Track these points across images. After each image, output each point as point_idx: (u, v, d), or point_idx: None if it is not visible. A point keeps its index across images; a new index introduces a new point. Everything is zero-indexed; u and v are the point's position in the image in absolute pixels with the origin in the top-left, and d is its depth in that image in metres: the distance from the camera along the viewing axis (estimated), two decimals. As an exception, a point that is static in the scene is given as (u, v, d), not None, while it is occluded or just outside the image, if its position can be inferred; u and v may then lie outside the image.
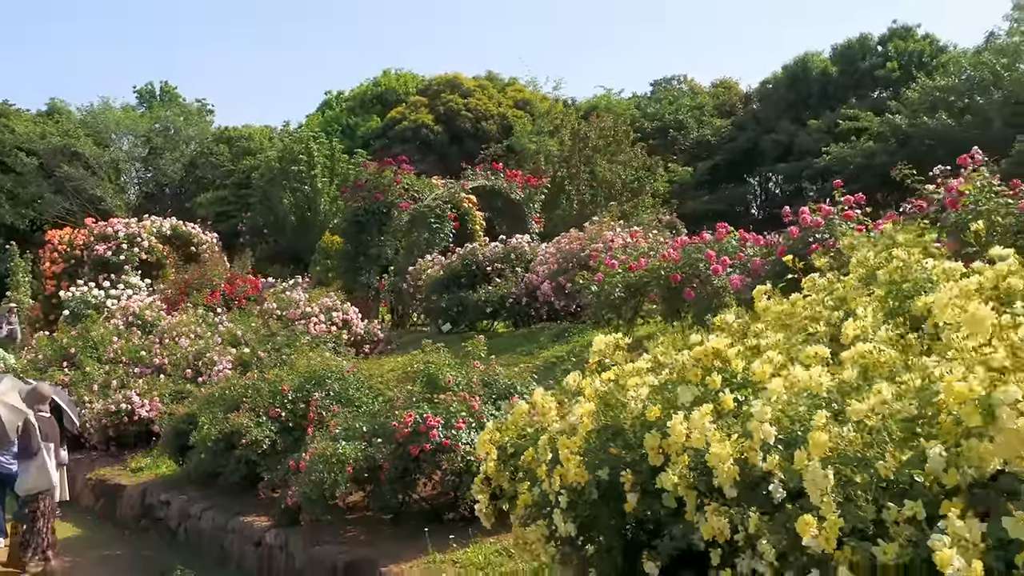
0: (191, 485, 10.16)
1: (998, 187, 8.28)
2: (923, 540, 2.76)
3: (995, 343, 3.27)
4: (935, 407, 3.23)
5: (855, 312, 5.05)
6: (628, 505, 4.27)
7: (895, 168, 12.23)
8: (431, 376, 7.69)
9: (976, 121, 28.14)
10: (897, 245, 5.46)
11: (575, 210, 30.19)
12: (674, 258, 9.73)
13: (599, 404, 4.68)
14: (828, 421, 3.31)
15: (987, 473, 2.94)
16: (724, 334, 4.92)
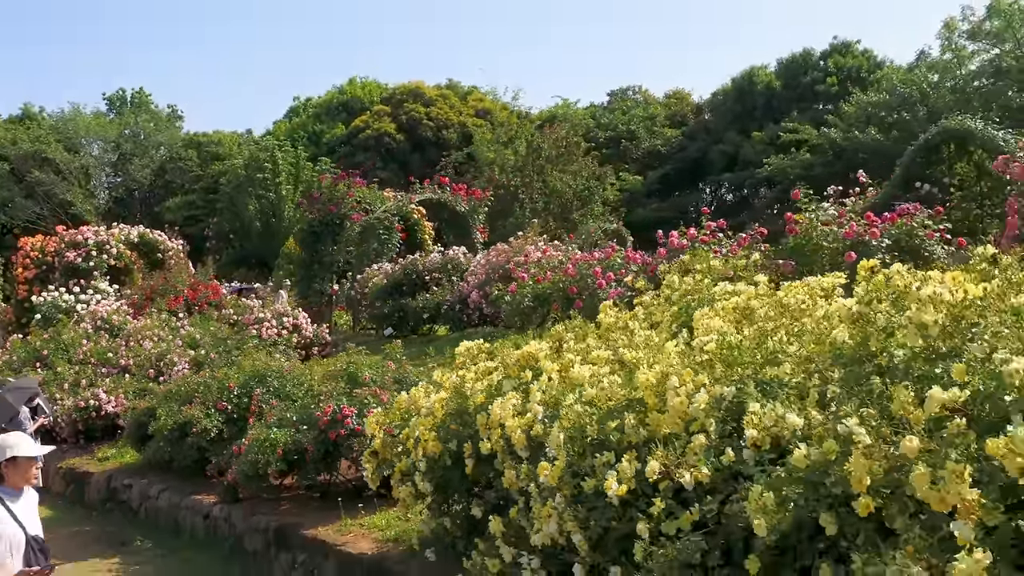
0: (150, 470, 11.60)
1: (829, 218, 9.84)
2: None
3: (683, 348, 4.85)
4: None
5: (658, 323, 6.66)
6: (468, 469, 5.79)
7: (797, 189, 13.96)
8: (351, 374, 9.18)
9: (902, 136, 29.86)
10: (692, 272, 7.04)
11: (528, 218, 31.70)
12: (571, 273, 11.26)
13: (452, 394, 6.21)
14: (575, 401, 4.85)
15: (660, 435, 4.45)
16: (548, 340, 6.47)
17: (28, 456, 5.03)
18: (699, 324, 5.21)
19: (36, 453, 5.19)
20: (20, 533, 4.84)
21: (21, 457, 4.97)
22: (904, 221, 9.43)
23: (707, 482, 3.95)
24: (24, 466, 4.99)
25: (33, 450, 5.16)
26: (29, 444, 5.19)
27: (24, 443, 5.13)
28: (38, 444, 10.00)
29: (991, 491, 2.85)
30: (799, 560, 3.57)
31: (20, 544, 4.82)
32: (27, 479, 5.05)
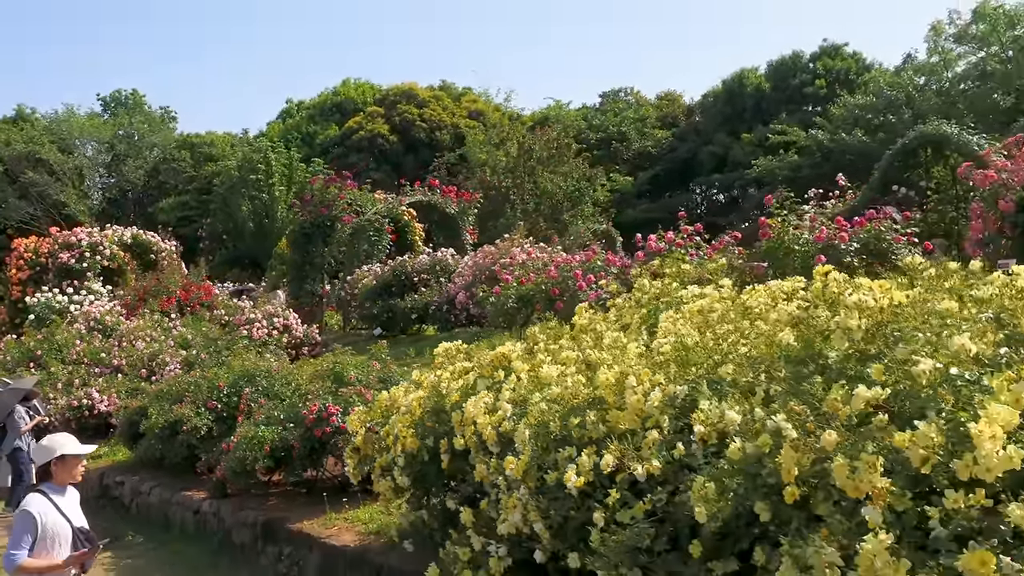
0: (142, 468, 11.86)
1: (800, 223, 10.14)
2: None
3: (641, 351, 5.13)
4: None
5: (627, 325, 6.95)
6: (444, 464, 6.07)
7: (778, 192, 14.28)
8: (337, 374, 9.46)
9: (887, 138, 30.21)
10: (661, 276, 7.33)
11: (519, 219, 31.99)
12: (553, 275, 11.55)
13: (430, 392, 6.49)
14: (541, 399, 5.13)
15: (619, 431, 4.73)
16: (523, 341, 6.76)
17: (76, 454, 5.39)
18: (661, 326, 5.50)
19: (83, 451, 5.51)
20: (67, 526, 5.19)
21: (69, 455, 5.33)
22: (873, 226, 9.73)
23: (659, 474, 4.24)
24: (71, 463, 5.36)
25: (80, 448, 5.49)
26: (76, 443, 5.51)
27: (71, 442, 5.47)
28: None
29: (900, 480, 3.15)
30: (738, 544, 3.86)
31: (67, 536, 5.17)
32: (73, 476, 5.40)
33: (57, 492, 5.32)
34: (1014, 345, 3.61)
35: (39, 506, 5.18)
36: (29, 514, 5.11)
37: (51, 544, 5.13)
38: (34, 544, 5.09)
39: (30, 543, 5.08)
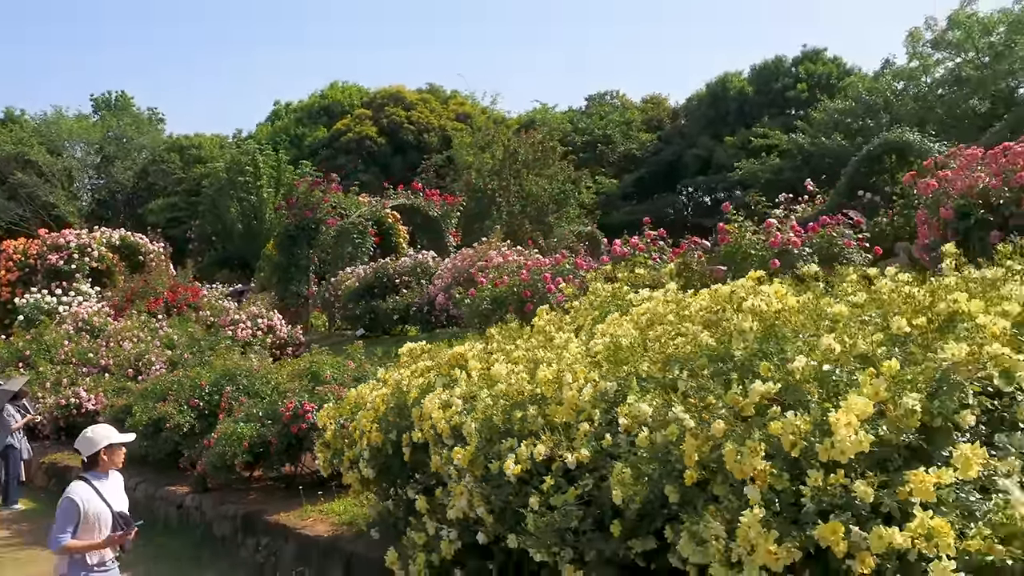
0: (128, 464, 12.20)
1: (757, 228, 10.61)
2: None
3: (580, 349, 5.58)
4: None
5: (581, 327, 7.39)
6: (406, 456, 6.51)
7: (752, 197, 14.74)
8: (314, 373, 9.91)
9: (866, 143, 30.67)
10: (616, 280, 7.78)
11: (504, 221, 32.40)
12: (525, 278, 12.00)
13: (393, 389, 6.94)
14: (488, 395, 5.58)
15: (557, 423, 5.17)
16: (482, 341, 7.21)
17: (119, 442, 5.97)
18: (598, 328, 5.95)
19: (125, 439, 6.07)
20: (107, 510, 5.71)
21: (115, 444, 5.91)
22: (826, 231, 10.20)
23: (588, 462, 4.70)
24: (115, 451, 5.93)
25: (122, 437, 6.05)
26: (116, 432, 6.07)
27: (115, 432, 6.04)
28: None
29: (779, 462, 3.60)
30: (653, 524, 4.31)
31: (107, 520, 5.69)
32: (115, 463, 5.95)
33: (100, 479, 5.83)
34: (896, 344, 4.07)
35: (82, 493, 5.67)
36: (73, 501, 5.61)
37: (93, 527, 5.62)
38: (77, 527, 5.58)
39: (74, 526, 5.58)
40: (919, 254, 9.90)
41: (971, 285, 4.50)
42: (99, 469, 5.87)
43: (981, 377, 3.69)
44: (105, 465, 5.88)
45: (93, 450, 5.88)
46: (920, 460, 3.48)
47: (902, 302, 4.30)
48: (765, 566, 3.34)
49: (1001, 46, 31.05)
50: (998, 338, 3.67)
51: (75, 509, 5.60)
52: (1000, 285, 4.34)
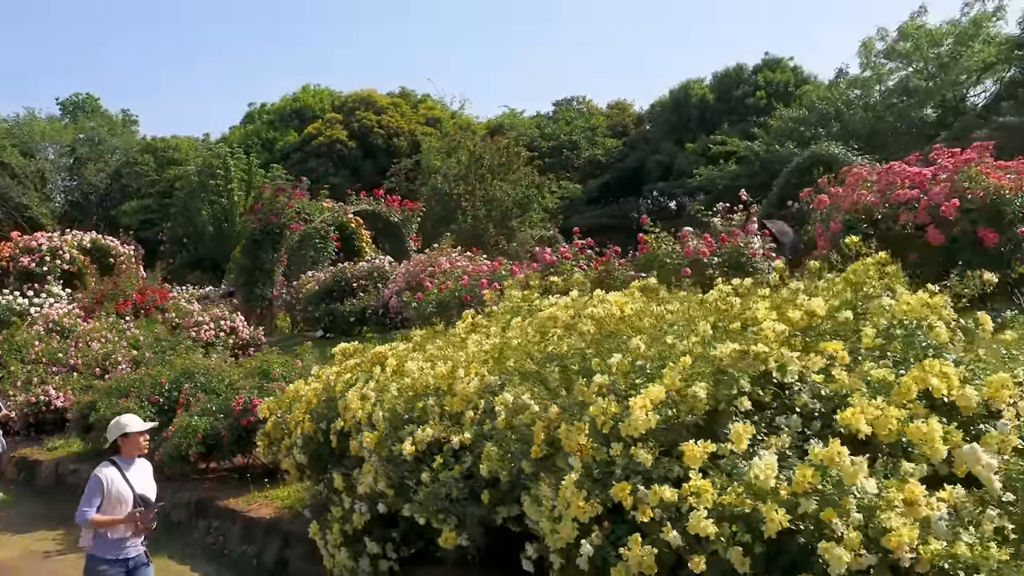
0: (94, 457, 13.03)
1: (670, 239, 11.55)
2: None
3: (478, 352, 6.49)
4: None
5: (490, 331, 8.27)
6: (334, 443, 7.38)
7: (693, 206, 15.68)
8: (264, 371, 10.76)
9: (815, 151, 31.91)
10: (527, 287, 8.67)
11: (469, 225, 33.25)
12: (465, 283, 12.88)
13: (324, 384, 7.82)
14: (395, 388, 6.46)
15: (452, 411, 6.06)
16: (405, 341, 8.10)
17: (136, 431, 6.52)
18: (491, 330, 6.85)
19: (143, 428, 6.61)
20: (129, 491, 6.27)
21: (132, 432, 6.47)
22: (733, 242, 11.16)
23: (471, 443, 5.61)
24: (133, 439, 6.47)
25: (140, 426, 6.61)
26: (138, 421, 6.67)
27: (134, 421, 6.63)
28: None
29: (598, 438, 4.52)
30: (515, 493, 5.22)
31: (128, 500, 6.25)
32: (139, 449, 6.51)
33: (126, 463, 6.43)
34: (705, 343, 4.99)
35: (108, 473, 6.31)
36: (98, 479, 6.26)
37: (116, 505, 6.22)
38: (102, 503, 6.21)
39: (98, 502, 6.20)
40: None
41: (784, 295, 5.45)
42: (123, 454, 6.45)
43: (765, 371, 4.63)
44: (126, 451, 6.45)
45: (112, 437, 6.51)
46: (709, 436, 4.41)
47: (717, 309, 5.24)
48: (576, 518, 4.25)
49: (947, 57, 32.28)
50: (774, 340, 4.60)
51: (99, 486, 6.21)
52: (802, 295, 5.28)
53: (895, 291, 5.63)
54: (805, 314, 5.03)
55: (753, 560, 4.01)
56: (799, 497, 3.93)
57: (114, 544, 6.27)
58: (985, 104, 34.45)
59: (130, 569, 6.33)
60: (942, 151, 10.26)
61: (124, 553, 6.28)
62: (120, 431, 6.49)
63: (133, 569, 6.34)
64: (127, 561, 6.30)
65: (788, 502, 3.94)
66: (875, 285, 5.53)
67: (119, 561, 6.26)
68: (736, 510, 3.99)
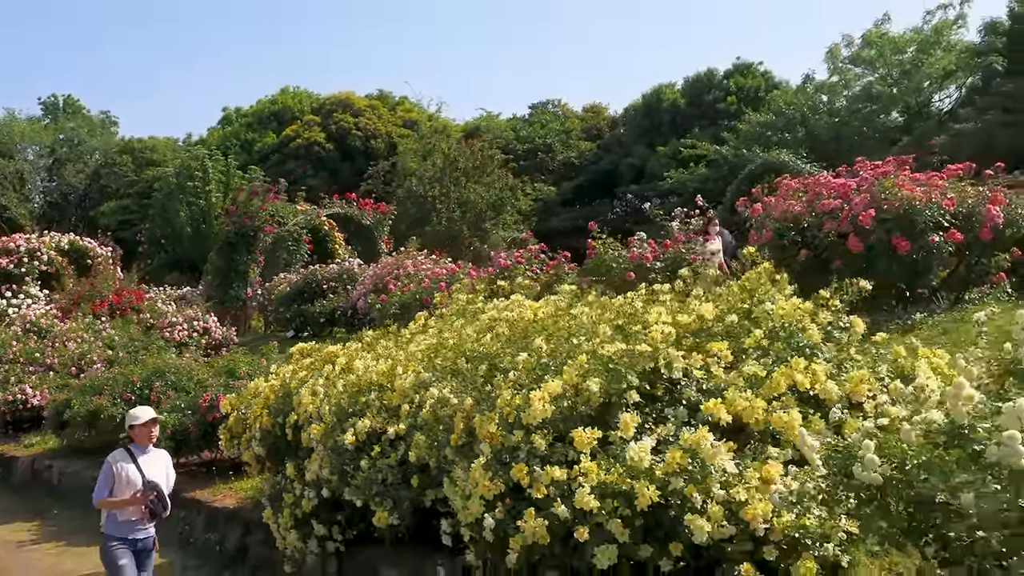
0: (69, 453, 13.60)
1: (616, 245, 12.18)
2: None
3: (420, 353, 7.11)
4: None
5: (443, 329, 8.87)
6: (289, 436, 7.98)
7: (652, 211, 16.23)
8: (230, 370, 11.34)
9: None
10: (474, 291, 9.30)
11: (444, 226, 33.82)
12: (426, 285, 13.49)
13: (281, 381, 8.41)
14: (342, 384, 7.07)
15: (394, 405, 6.66)
16: (356, 341, 8.70)
17: (141, 421, 6.99)
18: (429, 331, 7.48)
19: (147, 418, 7.03)
20: (138, 477, 6.76)
21: (138, 423, 6.96)
22: (676, 248, 11.83)
23: (405, 434, 6.22)
24: (139, 430, 6.97)
25: (146, 416, 7.07)
26: (147, 412, 7.12)
27: (143, 412, 7.11)
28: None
29: (504, 426, 5.14)
30: (440, 477, 5.84)
31: (137, 485, 6.72)
32: (148, 438, 6.99)
33: (139, 451, 6.95)
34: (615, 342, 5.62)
35: (117, 459, 6.85)
36: (108, 464, 6.83)
37: (126, 489, 6.74)
38: (114, 487, 6.76)
39: (110, 486, 6.77)
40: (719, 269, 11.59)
41: (673, 300, 6.12)
42: (137, 443, 6.98)
43: (655, 368, 5.27)
44: (138, 440, 6.97)
45: (127, 426, 7.08)
46: (602, 425, 5.05)
47: (623, 313, 5.89)
48: (483, 496, 4.88)
49: (909, 64, 33.15)
50: (661, 340, 5.24)
51: (110, 471, 6.77)
52: (695, 300, 5.93)
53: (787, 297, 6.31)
54: (697, 318, 5.69)
55: (633, 531, 4.66)
56: (670, 476, 4.58)
57: (123, 526, 6.78)
58: (948, 110, 35.40)
59: (137, 550, 6.82)
60: (864, 163, 10.95)
61: (132, 535, 6.79)
62: (131, 421, 7.05)
63: (140, 551, 6.84)
64: (135, 542, 6.80)
65: (661, 481, 4.59)
66: (769, 291, 6.21)
67: (127, 541, 6.77)
68: (616, 488, 4.64)
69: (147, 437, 7.00)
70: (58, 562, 9.74)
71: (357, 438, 6.36)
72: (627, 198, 43.87)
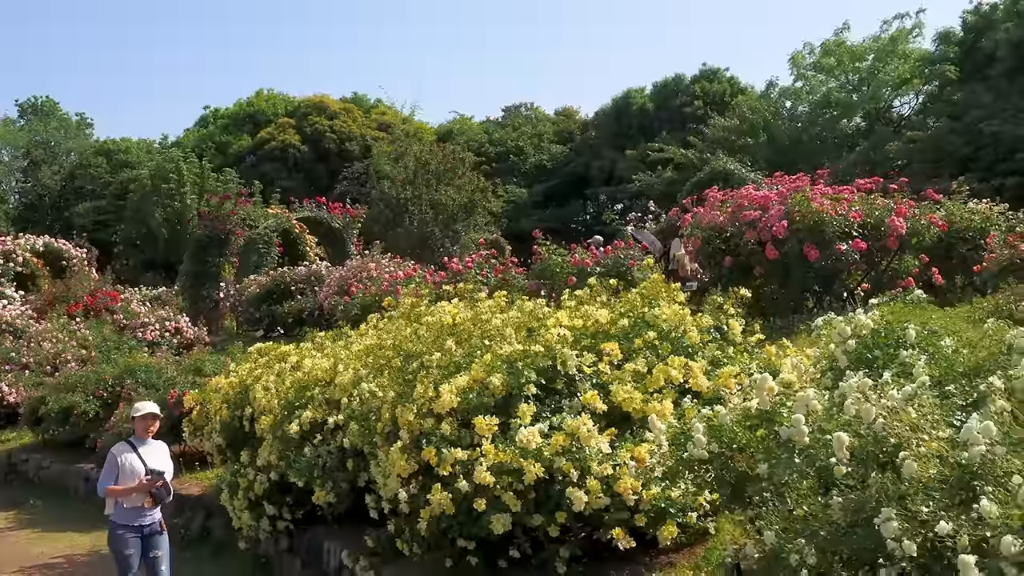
0: (44, 447, 14.32)
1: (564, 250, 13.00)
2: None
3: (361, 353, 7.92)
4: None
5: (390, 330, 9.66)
6: (246, 428, 8.76)
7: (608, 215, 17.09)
8: (197, 368, 12.10)
9: (745, 160, 33.60)
10: (419, 295, 10.09)
11: (416, 228, 34.55)
12: (385, 288, 14.29)
13: (239, 378, 9.19)
14: (290, 380, 7.86)
15: (336, 398, 7.47)
16: (309, 343, 9.50)
17: (140, 414, 7.39)
18: (368, 332, 8.29)
19: (146, 411, 7.41)
20: (141, 466, 7.10)
21: (138, 415, 7.43)
22: (617, 253, 12.69)
23: (344, 423, 7.03)
24: (139, 422, 7.38)
25: (146, 409, 7.44)
26: (147, 406, 7.55)
27: (143, 406, 7.56)
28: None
29: (421, 416, 5.96)
30: (370, 460, 6.65)
31: (140, 473, 7.08)
32: (148, 431, 7.38)
33: (140, 442, 7.31)
34: (534, 342, 6.45)
35: (121, 450, 7.26)
36: (112, 455, 7.25)
37: (129, 478, 7.10)
38: (118, 477, 7.09)
39: (115, 476, 7.10)
40: (690, 274, 12.46)
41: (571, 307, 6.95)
42: (139, 435, 7.40)
43: (551, 365, 6.11)
44: (139, 431, 7.39)
45: (130, 418, 7.67)
46: (505, 414, 5.87)
47: (535, 317, 6.73)
48: (399, 474, 5.71)
49: (865, 72, 34.24)
50: (557, 341, 6.08)
51: (113, 461, 7.17)
52: (591, 306, 6.78)
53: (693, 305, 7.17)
54: (594, 322, 6.54)
55: (525, 502, 5.51)
56: (554, 456, 5.42)
57: (130, 513, 7.09)
58: (907, 116, 36.58)
59: (145, 535, 7.15)
60: (782, 177, 11.86)
61: (139, 521, 7.11)
62: (132, 413, 7.59)
63: (148, 536, 7.17)
64: (142, 528, 7.12)
65: (548, 460, 5.43)
66: (664, 298, 7.08)
67: (134, 527, 7.08)
68: (510, 466, 5.47)
69: (145, 429, 7.40)
70: (31, 546, 10.47)
71: (302, 428, 7.16)
72: (600, 200, 44.85)
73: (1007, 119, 25.22)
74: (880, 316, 5.30)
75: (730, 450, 4.58)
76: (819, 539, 3.71)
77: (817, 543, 3.75)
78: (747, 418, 4.58)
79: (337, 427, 7.00)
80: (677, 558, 5.67)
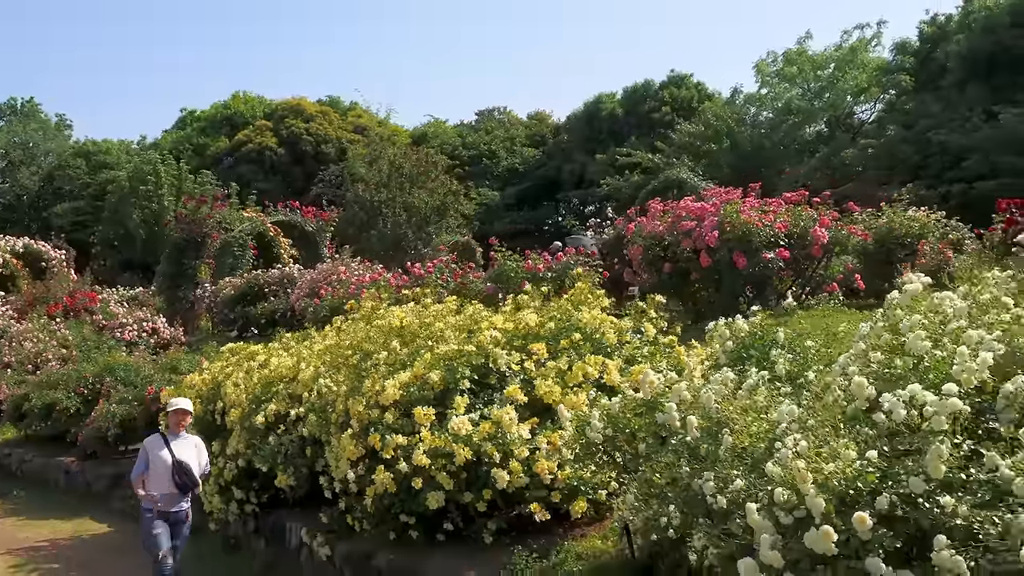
0: (27, 442, 15.04)
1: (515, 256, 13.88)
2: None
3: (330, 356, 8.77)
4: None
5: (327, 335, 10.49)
6: (218, 421, 9.57)
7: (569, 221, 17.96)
8: (173, 366, 12.89)
9: (707, 165, 34.59)
10: (379, 298, 10.95)
11: (389, 231, 35.29)
12: (352, 291, 15.09)
13: (212, 375, 10.01)
14: (257, 377, 8.70)
15: (298, 393, 8.32)
16: (277, 343, 10.33)
17: (171, 409, 7.97)
18: (328, 333, 9.14)
19: (175, 407, 7.94)
20: (169, 457, 7.62)
21: (171, 412, 7.98)
22: (567, 260, 13.59)
23: (305, 415, 7.87)
24: (171, 416, 7.94)
25: (175, 405, 7.99)
26: (181, 402, 8.08)
27: (176, 401, 8.11)
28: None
29: (369, 407, 6.82)
30: (325, 447, 7.49)
31: (168, 464, 7.61)
32: (179, 425, 7.88)
33: (172, 436, 7.81)
34: (470, 343, 7.32)
35: (151, 442, 7.84)
36: (142, 446, 7.88)
37: (157, 467, 7.61)
38: (148, 466, 7.71)
39: (144, 464, 7.70)
40: (636, 279, 13.35)
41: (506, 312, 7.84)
42: (172, 429, 7.88)
43: (484, 363, 6.99)
44: (173, 426, 7.87)
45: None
46: (443, 405, 6.74)
47: (473, 320, 7.61)
48: (349, 458, 6.57)
49: (826, 81, 35.38)
50: (489, 342, 6.95)
51: (143, 452, 7.78)
52: (523, 311, 7.66)
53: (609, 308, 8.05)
54: (524, 324, 7.42)
55: (458, 482, 6.39)
56: (481, 441, 6.29)
57: (159, 500, 7.55)
58: (863, 124, 37.77)
59: (171, 523, 7.61)
60: (716, 190, 12.81)
61: (166, 508, 7.57)
62: (167, 409, 8.15)
63: (174, 523, 7.64)
64: (167, 515, 7.58)
65: (476, 445, 6.31)
66: (589, 303, 7.97)
67: (161, 513, 7.55)
68: (443, 450, 6.35)
69: (178, 424, 7.91)
70: (16, 531, 11.21)
71: (267, 419, 8.01)
72: (572, 203, 45.76)
73: (954, 129, 26.37)
74: (759, 321, 6.19)
75: (623, 434, 5.47)
76: (674, 501, 4.61)
77: (675, 504, 4.64)
78: (637, 407, 5.47)
79: (298, 418, 7.84)
80: (589, 530, 6.56)
